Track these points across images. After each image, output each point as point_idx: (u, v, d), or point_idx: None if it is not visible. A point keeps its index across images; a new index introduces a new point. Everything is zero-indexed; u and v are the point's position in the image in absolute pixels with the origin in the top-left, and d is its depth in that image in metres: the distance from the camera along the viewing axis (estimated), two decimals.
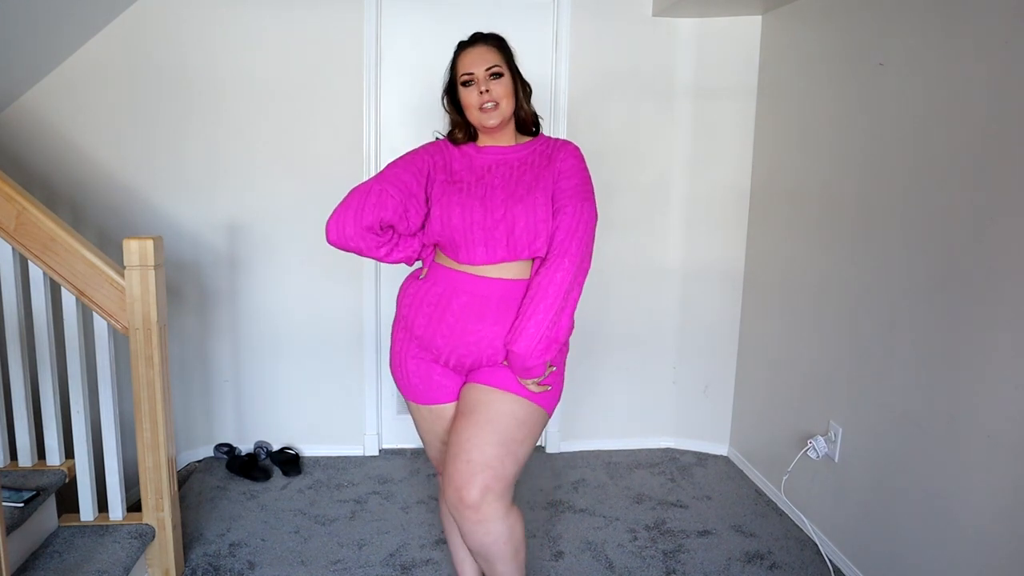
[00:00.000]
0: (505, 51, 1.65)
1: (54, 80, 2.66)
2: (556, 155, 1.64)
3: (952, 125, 1.80)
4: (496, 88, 1.59)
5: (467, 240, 1.57)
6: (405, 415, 3.16)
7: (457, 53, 1.66)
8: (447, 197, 1.60)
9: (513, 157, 1.65)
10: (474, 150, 1.67)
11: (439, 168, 1.65)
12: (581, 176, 1.63)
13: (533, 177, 1.61)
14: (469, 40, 1.66)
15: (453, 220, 1.57)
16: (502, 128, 1.65)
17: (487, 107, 1.59)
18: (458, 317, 1.59)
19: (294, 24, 2.80)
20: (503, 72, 1.61)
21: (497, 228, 1.56)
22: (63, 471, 2.04)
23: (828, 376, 2.37)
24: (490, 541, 1.55)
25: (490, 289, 1.58)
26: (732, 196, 2.98)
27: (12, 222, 1.87)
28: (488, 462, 1.52)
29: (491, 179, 1.62)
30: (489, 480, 1.51)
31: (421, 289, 1.67)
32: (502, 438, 1.54)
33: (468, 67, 1.61)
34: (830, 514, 2.35)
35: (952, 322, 1.80)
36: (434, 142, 1.73)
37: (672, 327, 3.16)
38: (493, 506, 1.52)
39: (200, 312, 2.96)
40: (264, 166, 2.89)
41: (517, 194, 1.58)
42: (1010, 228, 1.62)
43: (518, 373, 1.57)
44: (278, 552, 2.32)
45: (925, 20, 1.90)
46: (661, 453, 3.19)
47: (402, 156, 1.69)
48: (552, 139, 1.71)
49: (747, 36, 2.86)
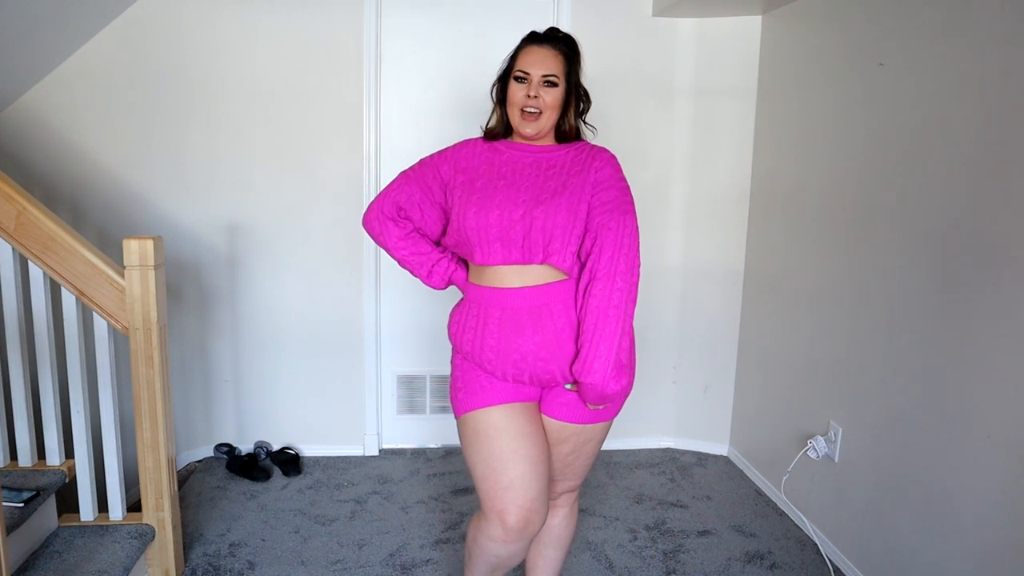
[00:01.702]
0: (570, 60, 1.58)
1: (54, 80, 2.66)
2: (591, 163, 1.57)
3: (952, 125, 1.80)
4: (546, 97, 1.55)
5: (481, 240, 1.54)
6: (405, 415, 3.16)
7: (523, 44, 1.60)
8: (465, 196, 1.57)
9: (545, 158, 1.59)
10: (505, 146, 1.63)
11: (461, 169, 1.62)
12: (619, 186, 1.56)
13: (561, 182, 1.54)
14: (541, 36, 1.59)
15: (468, 220, 1.54)
16: (539, 137, 1.60)
17: (529, 112, 1.56)
18: (498, 336, 1.54)
19: (294, 24, 2.80)
20: (558, 83, 1.55)
21: (514, 229, 1.51)
22: (63, 471, 2.04)
23: (828, 376, 2.37)
24: (554, 524, 1.78)
25: (517, 301, 1.53)
26: (732, 196, 2.98)
27: (12, 222, 1.87)
28: (575, 479, 1.74)
29: (516, 178, 1.57)
30: (575, 485, 1.77)
31: (462, 314, 1.64)
32: (586, 461, 1.69)
33: (526, 65, 1.55)
34: (830, 514, 2.35)
35: (952, 322, 1.80)
36: (463, 141, 1.69)
37: (672, 327, 3.16)
38: (567, 496, 1.78)
39: (200, 312, 2.96)
40: (264, 166, 2.89)
41: (541, 197, 1.52)
42: (1010, 227, 1.62)
43: (595, 402, 1.52)
44: (278, 552, 2.32)
45: (925, 20, 1.90)
46: (661, 453, 3.19)
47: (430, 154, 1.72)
48: (590, 145, 1.63)
49: (747, 36, 2.86)
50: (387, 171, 2.95)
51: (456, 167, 1.63)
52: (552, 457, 1.62)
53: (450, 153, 1.67)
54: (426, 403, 3.16)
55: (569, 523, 1.81)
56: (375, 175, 2.93)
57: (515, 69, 1.57)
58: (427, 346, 3.06)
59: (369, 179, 2.93)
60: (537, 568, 1.84)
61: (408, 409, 3.17)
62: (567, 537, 1.82)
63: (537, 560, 1.83)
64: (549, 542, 1.80)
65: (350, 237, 2.95)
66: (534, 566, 1.84)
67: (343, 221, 2.94)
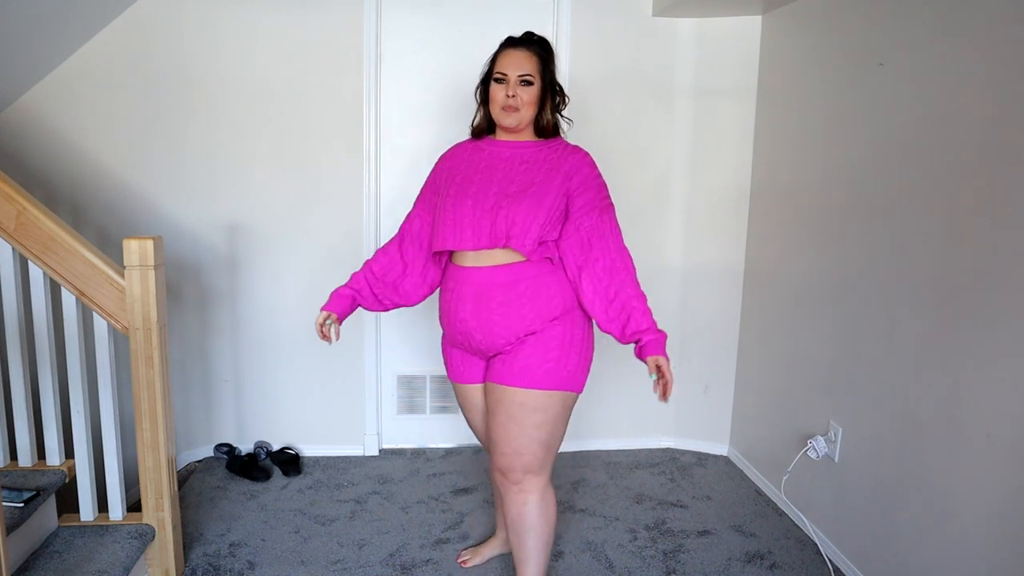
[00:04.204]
0: (544, 60, 1.77)
1: (54, 80, 2.65)
2: (566, 162, 1.77)
3: (952, 125, 1.80)
4: (523, 94, 1.73)
5: (456, 225, 1.75)
6: (405, 415, 3.17)
7: (501, 48, 1.79)
8: (445, 192, 1.81)
9: (520, 153, 1.79)
10: (487, 143, 1.85)
11: (444, 173, 1.87)
12: (595, 184, 1.79)
13: (530, 178, 1.75)
14: (516, 40, 1.78)
15: (445, 213, 1.77)
16: (519, 129, 1.79)
17: (508, 107, 1.74)
18: (470, 309, 1.77)
19: (294, 24, 2.80)
20: (534, 82, 1.74)
21: (484, 217, 1.72)
22: (63, 471, 2.04)
23: (828, 376, 2.37)
24: (527, 511, 1.81)
25: (489, 278, 1.75)
26: (732, 196, 2.98)
27: (12, 222, 1.87)
28: (520, 451, 1.76)
29: (492, 172, 1.78)
30: (527, 464, 1.78)
31: (444, 291, 1.88)
32: (523, 429, 1.75)
33: (504, 67, 1.75)
34: (830, 514, 2.35)
35: (952, 322, 1.80)
36: (451, 147, 1.94)
37: (672, 327, 3.12)
38: (532, 481, 1.80)
39: (200, 312, 2.96)
40: (264, 166, 2.89)
41: (510, 189, 1.73)
42: (1010, 227, 1.62)
43: (659, 352, 1.73)
44: (278, 552, 2.32)
45: (925, 20, 1.90)
46: (661, 453, 3.19)
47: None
48: (564, 144, 1.84)
49: (747, 36, 2.86)
50: (387, 171, 2.96)
51: (443, 167, 1.90)
52: (493, 424, 1.81)
53: (441, 160, 1.94)
54: (426, 403, 3.16)
55: (542, 512, 1.83)
56: (375, 175, 2.93)
57: (494, 71, 1.77)
58: (427, 346, 3.06)
59: (369, 179, 2.93)
60: (521, 561, 1.89)
61: (408, 409, 3.17)
62: (542, 527, 1.84)
63: (520, 553, 1.88)
64: (524, 531, 1.84)
65: (350, 237, 2.95)
66: (519, 560, 1.90)
67: (343, 221, 2.94)
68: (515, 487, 1.81)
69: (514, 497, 1.82)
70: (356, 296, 1.93)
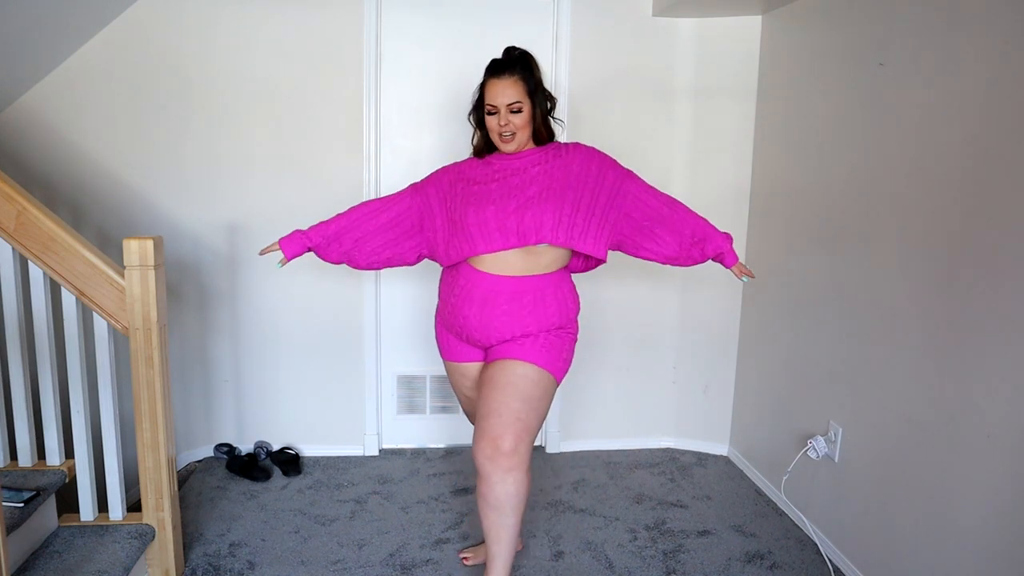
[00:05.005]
0: (528, 81, 1.85)
1: (54, 80, 2.66)
2: (574, 159, 1.90)
3: (952, 125, 1.80)
4: (515, 120, 1.84)
5: (482, 227, 1.84)
6: (405, 415, 3.17)
7: (486, 78, 1.88)
8: (465, 198, 1.90)
9: (530, 161, 1.91)
10: (496, 158, 1.95)
11: (456, 184, 1.96)
12: (609, 163, 1.94)
13: (549, 177, 1.87)
14: (498, 67, 1.86)
15: (467, 219, 1.86)
16: (520, 148, 1.92)
17: (505, 136, 1.86)
18: (475, 310, 1.89)
19: (294, 24, 2.80)
20: (523, 108, 1.84)
21: (509, 220, 1.83)
22: (63, 471, 2.04)
23: (828, 376, 2.37)
24: (514, 491, 1.81)
25: (499, 286, 1.87)
26: (732, 196, 2.98)
27: (12, 222, 1.87)
28: (517, 415, 1.81)
29: (507, 179, 1.89)
30: (520, 431, 1.80)
31: (453, 289, 1.95)
32: (523, 395, 1.84)
33: (492, 99, 1.84)
34: (830, 514, 2.35)
35: (952, 322, 1.80)
36: (457, 162, 2.02)
37: (672, 327, 3.16)
38: (523, 455, 1.81)
39: (200, 312, 2.96)
40: (264, 166, 2.88)
41: (530, 191, 1.85)
42: (1010, 228, 1.62)
43: (732, 258, 2.00)
44: (278, 552, 2.32)
45: (925, 20, 1.90)
46: (661, 453, 3.19)
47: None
48: (561, 144, 1.96)
49: (747, 36, 2.86)
50: (387, 171, 2.96)
51: (450, 178, 1.99)
52: (490, 390, 1.87)
53: (445, 172, 2.02)
54: (426, 403, 3.16)
55: (524, 490, 1.85)
56: (375, 175, 2.93)
57: (485, 103, 1.87)
58: (427, 346, 3.06)
59: (369, 179, 2.93)
60: (499, 540, 1.88)
61: (408, 409, 3.17)
62: (521, 505, 1.86)
63: (500, 532, 1.87)
64: (510, 509, 1.84)
65: None
66: (496, 539, 1.88)
67: None
68: (504, 459, 1.78)
69: (503, 476, 1.80)
70: (314, 248, 2.06)
